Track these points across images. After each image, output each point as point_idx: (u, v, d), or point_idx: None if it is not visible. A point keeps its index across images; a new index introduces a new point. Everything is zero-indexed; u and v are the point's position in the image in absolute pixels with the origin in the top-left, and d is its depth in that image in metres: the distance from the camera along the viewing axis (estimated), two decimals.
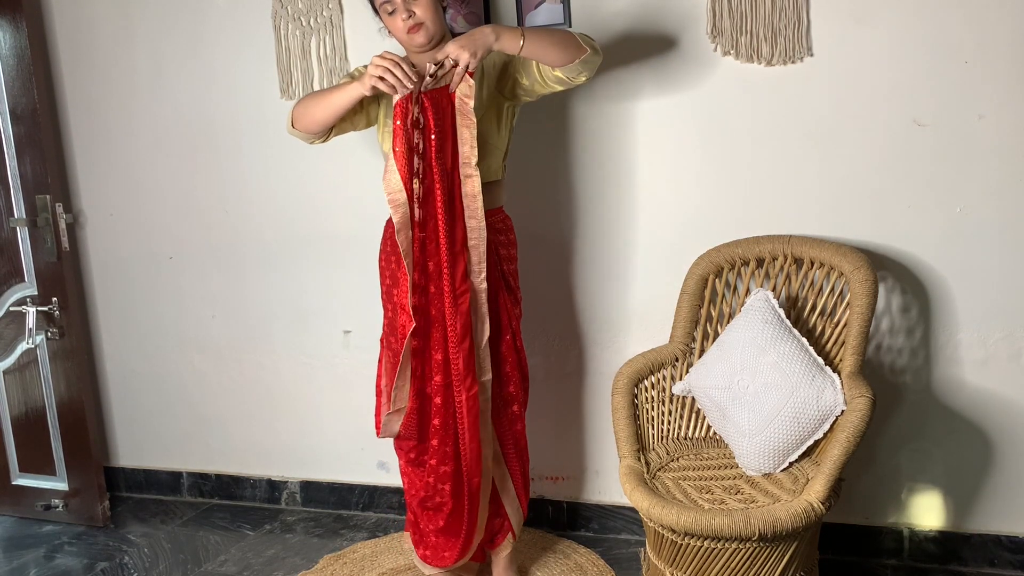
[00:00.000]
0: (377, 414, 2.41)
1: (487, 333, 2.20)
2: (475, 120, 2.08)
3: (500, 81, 2.21)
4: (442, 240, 2.13)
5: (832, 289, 2.30)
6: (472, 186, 2.12)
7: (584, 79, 2.13)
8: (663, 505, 1.97)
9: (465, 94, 2.06)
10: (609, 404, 2.46)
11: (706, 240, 2.47)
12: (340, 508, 3.10)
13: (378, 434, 2.35)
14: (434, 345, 2.20)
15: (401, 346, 2.26)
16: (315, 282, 2.96)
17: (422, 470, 2.34)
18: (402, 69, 2.01)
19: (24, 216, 2.99)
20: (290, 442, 3.12)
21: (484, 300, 2.18)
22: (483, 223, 2.14)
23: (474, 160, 2.10)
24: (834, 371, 2.19)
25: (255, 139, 2.92)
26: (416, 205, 2.11)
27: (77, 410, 3.05)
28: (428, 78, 2.04)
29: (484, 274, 2.17)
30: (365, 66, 2.30)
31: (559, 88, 2.16)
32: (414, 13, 2.10)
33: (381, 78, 2.02)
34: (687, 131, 2.50)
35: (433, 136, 2.07)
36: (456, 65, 2.02)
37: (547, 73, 2.12)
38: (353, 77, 2.27)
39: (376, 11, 2.19)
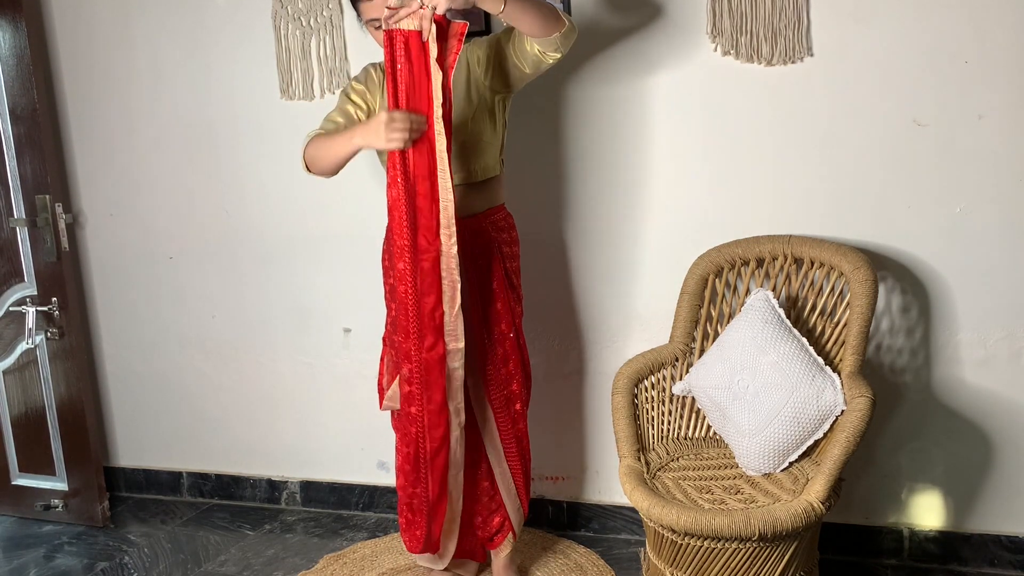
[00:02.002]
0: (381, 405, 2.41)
1: (459, 300, 2.11)
2: (442, 73, 2.00)
3: (485, 74, 2.20)
4: (420, 191, 2.04)
5: (832, 289, 2.30)
6: (440, 143, 2.03)
7: (558, 57, 2.11)
8: (663, 505, 1.97)
9: (424, 39, 1.98)
10: (609, 404, 2.46)
11: (706, 240, 2.47)
12: (340, 508, 3.10)
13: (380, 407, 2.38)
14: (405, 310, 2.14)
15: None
16: (315, 282, 2.96)
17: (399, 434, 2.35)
18: (411, 122, 2.01)
19: (24, 216, 2.99)
20: (290, 442, 3.12)
21: (455, 266, 2.08)
22: (449, 183, 2.05)
23: (438, 112, 2.01)
24: (834, 371, 2.19)
25: (255, 139, 2.92)
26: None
27: (77, 410, 3.05)
28: (386, 10, 1.96)
29: (455, 238, 2.07)
30: (357, 79, 2.31)
31: (529, 71, 2.14)
32: None
33: (400, 138, 2.02)
34: (687, 131, 2.50)
35: (402, 76, 1.99)
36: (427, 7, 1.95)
37: (522, 51, 2.11)
38: (348, 96, 2.28)
39: (360, 18, 2.19)
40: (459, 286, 2.11)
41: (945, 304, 2.38)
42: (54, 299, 2.98)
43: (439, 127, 2.02)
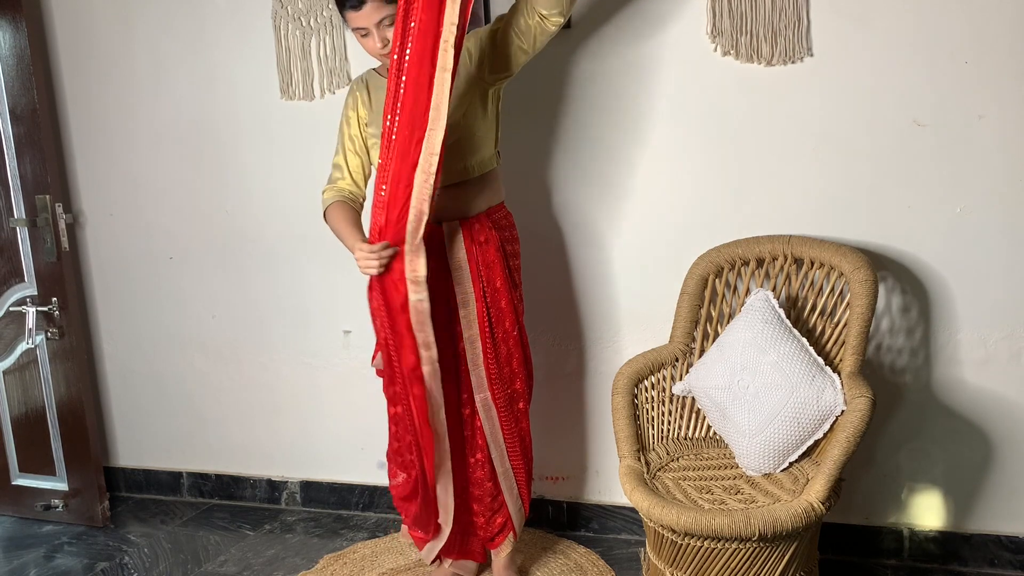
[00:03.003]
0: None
1: (423, 230, 2.08)
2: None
3: (477, 66, 2.21)
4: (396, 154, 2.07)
5: (832, 289, 2.30)
6: (449, 60, 2.01)
7: (560, 22, 2.11)
8: (663, 505, 1.97)
9: None
10: (609, 404, 2.46)
11: (706, 240, 2.47)
12: (340, 508, 3.10)
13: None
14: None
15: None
16: (315, 282, 2.96)
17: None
18: (379, 258, 2.10)
19: (24, 216, 2.99)
20: (290, 442, 3.12)
21: (427, 198, 2.06)
22: (444, 113, 2.01)
23: (451, 31, 1.99)
24: (834, 371, 2.19)
25: (255, 139, 2.92)
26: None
27: (77, 410, 3.05)
28: None
29: (432, 180, 2.05)
30: (347, 105, 2.31)
31: (528, 45, 2.15)
32: (388, 41, 2.11)
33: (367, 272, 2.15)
34: (687, 131, 2.50)
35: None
36: None
37: (523, 27, 2.12)
38: (344, 129, 2.31)
39: (347, 25, 2.19)
40: (425, 218, 2.08)
41: (945, 304, 2.38)
42: (54, 299, 2.98)
43: (450, 50, 1.99)
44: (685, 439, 2.39)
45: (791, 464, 2.18)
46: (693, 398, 2.38)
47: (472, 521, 2.44)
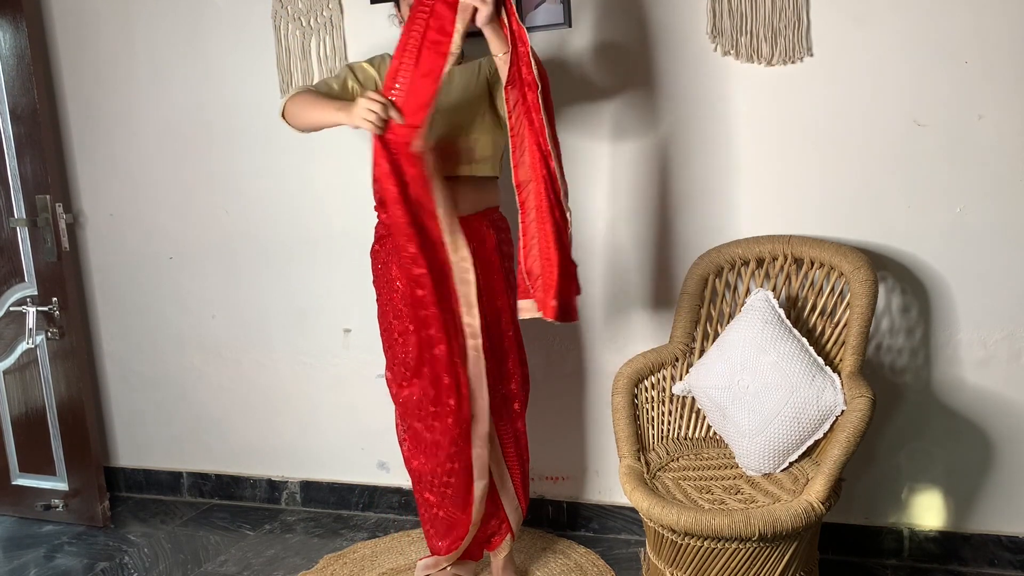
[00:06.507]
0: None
1: None
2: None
3: (490, 82, 2.25)
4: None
5: (832, 289, 2.30)
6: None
7: None
8: (663, 505, 1.97)
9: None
10: (609, 404, 2.46)
11: (706, 240, 2.47)
12: (340, 508, 3.10)
13: None
14: None
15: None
16: (315, 281, 2.96)
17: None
18: (386, 111, 1.98)
19: (24, 216, 2.99)
20: (290, 442, 3.12)
21: None
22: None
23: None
24: (834, 371, 2.19)
25: (255, 139, 2.92)
26: None
27: (77, 410, 3.05)
28: None
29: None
30: (371, 62, 2.28)
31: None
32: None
33: (369, 120, 1.99)
34: (686, 131, 2.50)
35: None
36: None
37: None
38: (353, 71, 2.25)
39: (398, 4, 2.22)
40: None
41: (945, 304, 2.38)
42: (54, 299, 2.98)
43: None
44: (685, 439, 2.39)
45: (791, 464, 2.18)
46: (693, 398, 2.38)
47: None
